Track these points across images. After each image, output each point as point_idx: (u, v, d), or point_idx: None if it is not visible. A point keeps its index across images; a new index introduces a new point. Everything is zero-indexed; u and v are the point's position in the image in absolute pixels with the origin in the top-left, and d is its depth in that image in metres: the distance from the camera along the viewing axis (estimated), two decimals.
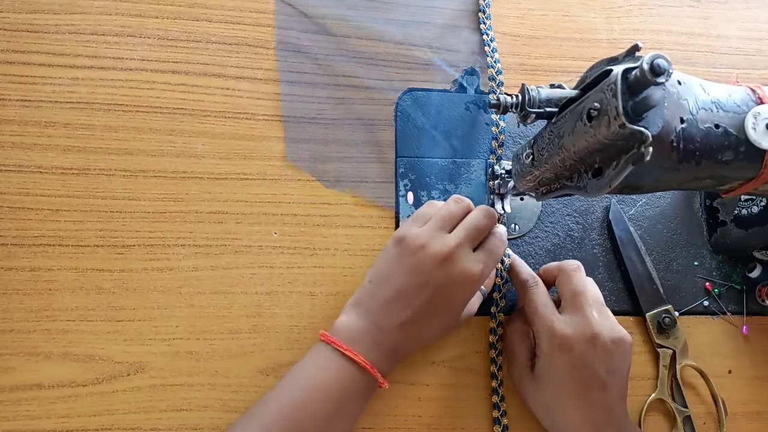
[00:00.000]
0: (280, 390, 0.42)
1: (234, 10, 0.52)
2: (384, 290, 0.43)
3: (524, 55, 0.56)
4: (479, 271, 0.43)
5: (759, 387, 0.52)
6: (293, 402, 0.41)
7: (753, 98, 0.37)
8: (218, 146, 0.50)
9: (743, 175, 0.37)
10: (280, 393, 0.42)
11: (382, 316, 0.43)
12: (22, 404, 0.44)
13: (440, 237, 0.43)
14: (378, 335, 0.43)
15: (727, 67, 0.58)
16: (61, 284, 0.46)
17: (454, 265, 0.42)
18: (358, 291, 0.45)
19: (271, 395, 0.42)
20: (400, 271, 0.43)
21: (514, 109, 0.40)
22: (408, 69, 0.53)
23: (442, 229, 0.44)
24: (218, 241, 0.48)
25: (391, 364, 0.44)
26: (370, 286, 0.44)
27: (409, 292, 0.42)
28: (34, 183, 0.47)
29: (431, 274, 0.42)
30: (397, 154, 0.52)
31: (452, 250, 0.42)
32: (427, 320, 0.43)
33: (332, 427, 0.41)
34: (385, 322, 0.43)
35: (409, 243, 0.43)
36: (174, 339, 0.46)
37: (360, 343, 0.42)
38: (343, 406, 0.41)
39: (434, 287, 0.42)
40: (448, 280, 0.42)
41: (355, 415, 0.43)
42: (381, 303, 0.43)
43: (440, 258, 0.42)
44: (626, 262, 0.51)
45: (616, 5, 0.58)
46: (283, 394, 0.42)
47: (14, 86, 0.48)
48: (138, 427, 0.44)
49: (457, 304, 0.44)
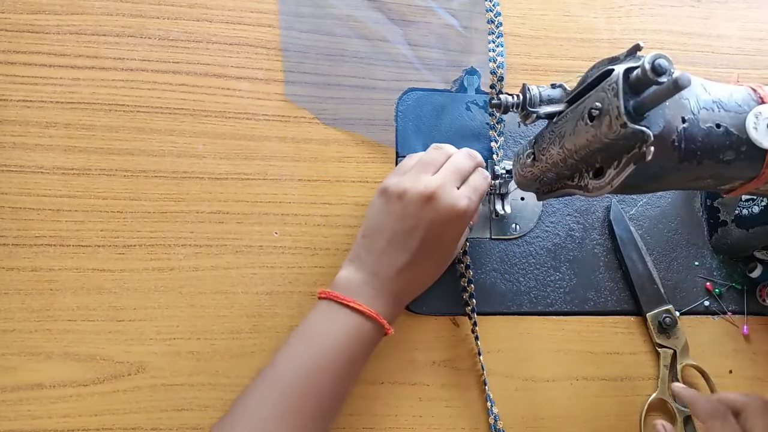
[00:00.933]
0: (289, 349, 0.42)
1: (234, 11, 0.52)
2: (377, 241, 0.44)
3: (525, 55, 0.56)
4: (465, 206, 0.43)
5: (759, 387, 0.52)
6: (305, 360, 0.41)
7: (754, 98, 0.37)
8: (219, 146, 0.50)
9: (744, 174, 0.37)
10: (289, 352, 0.42)
11: (379, 266, 0.43)
12: (23, 404, 0.44)
13: (423, 179, 0.44)
14: (378, 284, 0.43)
15: (727, 66, 0.58)
16: (62, 284, 0.46)
17: (440, 203, 0.43)
18: (354, 247, 0.45)
19: (280, 356, 0.42)
20: (390, 219, 0.44)
21: (515, 109, 0.40)
22: (408, 69, 0.53)
23: (425, 172, 0.44)
24: (219, 241, 0.48)
25: (395, 311, 0.45)
26: (364, 240, 0.45)
27: (401, 237, 0.43)
28: (35, 183, 0.47)
29: (419, 216, 0.43)
30: (397, 154, 0.52)
31: (436, 189, 0.43)
32: (423, 261, 0.44)
33: (344, 378, 0.42)
34: (384, 271, 0.43)
35: (393, 190, 0.44)
36: (175, 339, 0.46)
37: (362, 294, 0.43)
38: (353, 357, 0.42)
39: (424, 228, 0.43)
40: (436, 218, 0.43)
41: (363, 364, 0.44)
42: (377, 253, 0.44)
43: (425, 197, 0.43)
44: (627, 262, 0.51)
45: (617, 5, 0.58)
46: (293, 352, 0.42)
47: (15, 86, 0.48)
48: (139, 426, 0.45)
49: (449, 240, 0.44)
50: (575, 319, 0.51)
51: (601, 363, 0.50)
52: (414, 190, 0.43)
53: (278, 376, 0.41)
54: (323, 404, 0.41)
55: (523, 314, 0.51)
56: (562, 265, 0.52)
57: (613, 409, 0.50)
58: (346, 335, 0.42)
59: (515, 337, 0.50)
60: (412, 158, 0.47)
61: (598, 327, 0.51)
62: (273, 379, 0.41)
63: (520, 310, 0.51)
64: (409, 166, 0.46)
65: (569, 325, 0.51)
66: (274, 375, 0.41)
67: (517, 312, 0.50)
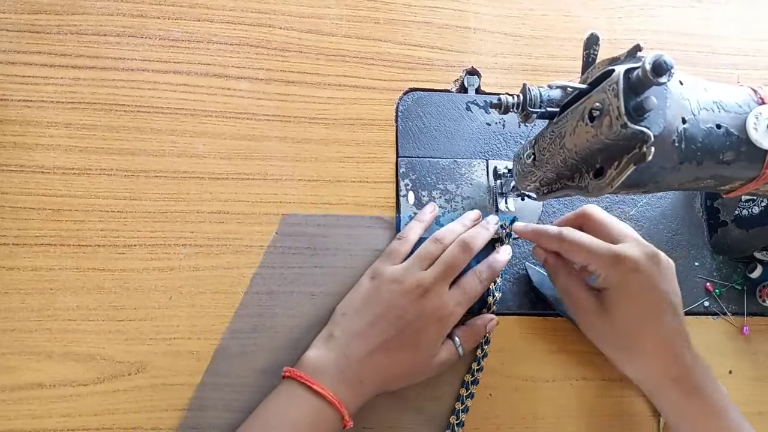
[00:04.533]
0: (246, 429, 0.42)
1: (235, 11, 0.52)
2: (357, 322, 0.44)
3: (525, 55, 0.56)
4: (451, 310, 0.44)
5: (759, 387, 0.52)
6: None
7: (754, 98, 0.37)
8: (219, 146, 0.50)
9: (744, 175, 0.37)
10: None
11: (351, 347, 0.43)
12: (23, 403, 0.44)
13: (417, 273, 0.44)
14: (345, 366, 0.42)
15: (728, 67, 0.58)
16: (62, 284, 0.46)
17: (428, 301, 0.44)
18: (329, 324, 0.45)
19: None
20: (375, 304, 0.44)
21: (515, 109, 0.40)
22: (408, 69, 0.54)
23: (418, 266, 0.45)
24: (219, 241, 0.48)
25: (357, 401, 0.43)
26: (343, 318, 0.45)
27: (381, 323, 0.43)
28: (35, 183, 0.47)
29: (406, 309, 0.43)
30: (397, 154, 0.52)
31: (427, 287, 0.44)
32: (396, 353, 0.43)
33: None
34: (354, 352, 0.43)
35: (386, 278, 0.45)
36: (175, 339, 0.46)
37: (326, 376, 0.42)
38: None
39: (407, 321, 0.43)
40: (422, 315, 0.43)
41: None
42: (352, 334, 0.43)
43: (416, 294, 0.44)
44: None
45: (617, 6, 0.58)
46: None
47: (16, 86, 0.48)
48: (139, 426, 0.45)
49: (428, 340, 0.44)
50: None
51: (601, 363, 0.50)
52: (407, 283, 0.44)
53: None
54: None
55: (522, 314, 0.51)
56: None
57: (613, 409, 0.50)
58: (303, 421, 0.41)
59: (515, 337, 0.50)
60: (404, 243, 0.47)
61: None
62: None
63: (520, 310, 0.51)
64: (400, 253, 0.47)
65: (569, 325, 0.51)
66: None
67: (516, 312, 0.50)
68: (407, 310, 0.43)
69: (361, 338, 0.43)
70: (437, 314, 0.44)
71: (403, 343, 0.43)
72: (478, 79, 0.54)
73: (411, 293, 0.44)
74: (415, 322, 0.43)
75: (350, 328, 0.44)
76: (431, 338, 0.44)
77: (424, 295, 0.44)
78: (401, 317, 0.43)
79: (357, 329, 0.44)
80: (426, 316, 0.43)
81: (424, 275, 0.44)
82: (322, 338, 0.45)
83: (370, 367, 0.43)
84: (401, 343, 0.43)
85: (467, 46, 0.55)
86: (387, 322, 0.43)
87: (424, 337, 0.44)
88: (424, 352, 0.44)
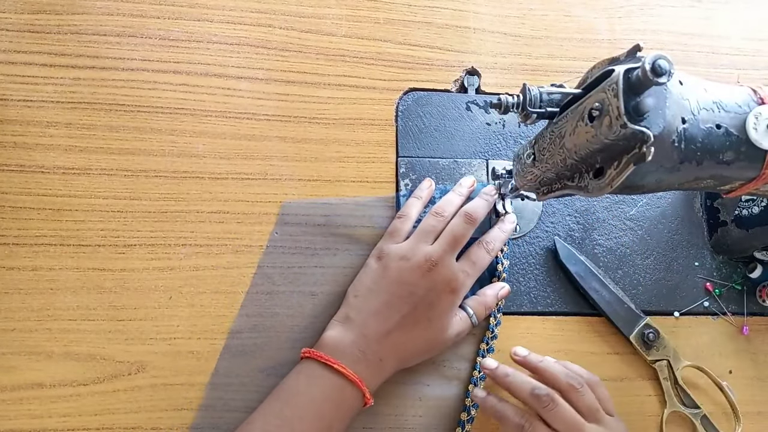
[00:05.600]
0: (266, 408, 0.42)
1: (235, 11, 0.52)
2: (370, 302, 0.44)
3: (525, 55, 0.56)
4: (462, 280, 0.45)
5: (759, 387, 0.52)
6: (281, 422, 0.40)
7: (754, 98, 0.37)
8: (219, 146, 0.50)
9: (744, 175, 0.37)
10: (266, 412, 0.41)
11: (368, 327, 0.43)
12: (23, 403, 0.44)
13: (422, 248, 0.45)
14: (365, 346, 0.43)
15: (728, 67, 0.58)
16: (62, 284, 0.46)
17: (438, 274, 0.44)
18: (343, 306, 0.46)
19: (257, 415, 0.41)
20: (386, 283, 0.44)
21: (515, 109, 0.40)
22: (408, 69, 0.54)
23: (424, 241, 0.45)
24: (219, 241, 0.48)
25: (377, 379, 0.44)
26: (356, 300, 0.45)
27: (395, 301, 0.44)
28: (35, 183, 0.47)
29: (416, 284, 0.44)
30: (397, 154, 0.52)
31: (435, 260, 0.44)
32: (412, 329, 0.44)
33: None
34: (372, 332, 0.43)
35: (392, 256, 0.45)
36: (175, 338, 0.46)
37: (347, 356, 0.42)
38: (330, 424, 0.41)
39: (419, 296, 0.44)
40: (433, 288, 0.44)
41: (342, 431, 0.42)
42: (368, 314, 0.44)
43: (424, 268, 0.44)
44: (591, 294, 0.50)
45: (617, 5, 0.58)
46: (270, 412, 0.41)
47: (16, 86, 0.48)
48: (139, 426, 0.45)
49: (441, 312, 0.45)
50: (575, 319, 0.51)
51: (601, 363, 0.50)
52: (414, 259, 0.44)
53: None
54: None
55: (523, 314, 0.51)
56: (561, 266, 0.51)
57: None
58: (325, 400, 0.41)
59: (515, 337, 0.50)
60: (403, 220, 0.47)
61: (599, 327, 0.51)
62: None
63: (520, 310, 0.51)
64: (402, 230, 0.47)
65: (569, 325, 0.51)
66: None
67: (517, 312, 0.50)
68: (418, 285, 0.44)
69: (378, 317, 0.43)
70: (448, 286, 0.44)
71: (417, 318, 0.44)
72: (478, 79, 0.54)
73: (420, 268, 0.44)
74: (427, 296, 0.44)
75: (365, 307, 0.44)
76: (444, 310, 0.45)
77: (433, 269, 0.44)
78: (413, 293, 0.44)
79: (372, 308, 0.44)
80: (437, 289, 0.44)
81: (432, 249, 0.45)
82: (338, 319, 0.45)
83: (389, 346, 0.43)
84: (416, 319, 0.44)
85: (467, 46, 0.55)
86: (400, 299, 0.44)
87: (438, 310, 0.44)
88: (438, 325, 0.45)
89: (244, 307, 0.47)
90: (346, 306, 0.45)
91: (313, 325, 0.47)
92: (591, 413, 0.43)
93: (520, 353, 0.47)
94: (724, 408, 0.50)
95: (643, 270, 0.52)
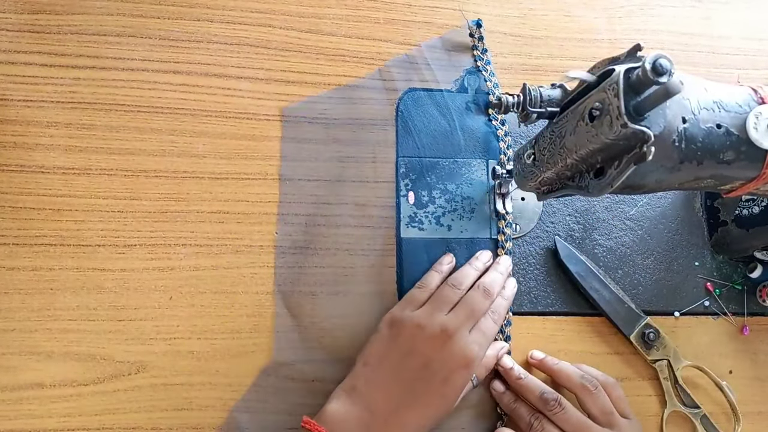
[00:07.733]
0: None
1: (235, 11, 0.52)
2: (381, 372, 0.42)
3: (525, 55, 0.56)
4: (475, 353, 0.42)
5: (759, 387, 0.52)
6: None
7: (755, 98, 0.37)
8: (219, 146, 0.50)
9: (744, 174, 0.37)
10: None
11: (377, 401, 0.41)
12: (23, 403, 0.44)
13: (438, 317, 0.43)
14: (370, 421, 0.40)
15: (728, 67, 0.58)
16: (62, 284, 0.46)
17: (453, 346, 0.42)
18: (351, 375, 0.43)
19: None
20: (398, 352, 0.42)
21: (515, 109, 0.40)
22: (408, 69, 0.53)
23: (439, 310, 0.44)
24: (219, 241, 0.48)
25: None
26: (365, 369, 0.42)
27: (407, 374, 0.41)
28: (36, 183, 0.47)
29: (431, 356, 0.41)
30: (397, 154, 0.52)
31: (451, 332, 0.42)
32: (423, 405, 0.41)
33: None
34: (380, 407, 0.40)
35: (406, 324, 0.43)
36: (175, 338, 0.46)
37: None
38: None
39: (433, 370, 0.41)
40: (448, 361, 0.41)
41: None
42: (377, 386, 0.41)
43: (441, 339, 0.42)
44: (592, 294, 0.50)
45: (618, 5, 0.58)
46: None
47: (16, 86, 0.48)
48: (139, 426, 0.44)
49: (455, 389, 0.42)
50: (575, 319, 0.51)
51: (601, 363, 0.50)
52: (429, 328, 0.42)
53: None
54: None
55: (523, 314, 0.51)
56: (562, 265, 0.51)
57: None
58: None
59: (515, 337, 0.50)
60: (423, 290, 0.46)
61: (599, 327, 0.51)
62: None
63: (520, 310, 0.51)
64: (421, 300, 0.45)
65: (569, 325, 0.51)
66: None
67: (517, 312, 0.50)
68: (433, 359, 0.41)
69: (387, 391, 0.41)
70: (463, 360, 0.42)
71: (429, 394, 0.41)
72: (478, 78, 0.54)
73: (435, 338, 0.42)
74: (441, 371, 0.41)
75: (373, 378, 0.42)
76: (458, 386, 0.42)
77: (449, 341, 0.42)
78: (427, 366, 0.41)
79: (380, 380, 0.41)
80: (452, 364, 0.41)
81: (448, 319, 0.43)
82: (344, 390, 0.42)
83: (395, 423, 0.40)
84: (427, 395, 0.41)
85: (467, 46, 0.55)
86: (412, 371, 0.41)
87: (452, 386, 0.42)
88: (451, 400, 0.42)
89: (244, 307, 0.47)
90: (353, 376, 0.43)
91: (314, 325, 0.47)
92: (604, 415, 0.43)
93: (537, 356, 0.48)
94: (724, 408, 0.50)
95: (643, 270, 0.52)
